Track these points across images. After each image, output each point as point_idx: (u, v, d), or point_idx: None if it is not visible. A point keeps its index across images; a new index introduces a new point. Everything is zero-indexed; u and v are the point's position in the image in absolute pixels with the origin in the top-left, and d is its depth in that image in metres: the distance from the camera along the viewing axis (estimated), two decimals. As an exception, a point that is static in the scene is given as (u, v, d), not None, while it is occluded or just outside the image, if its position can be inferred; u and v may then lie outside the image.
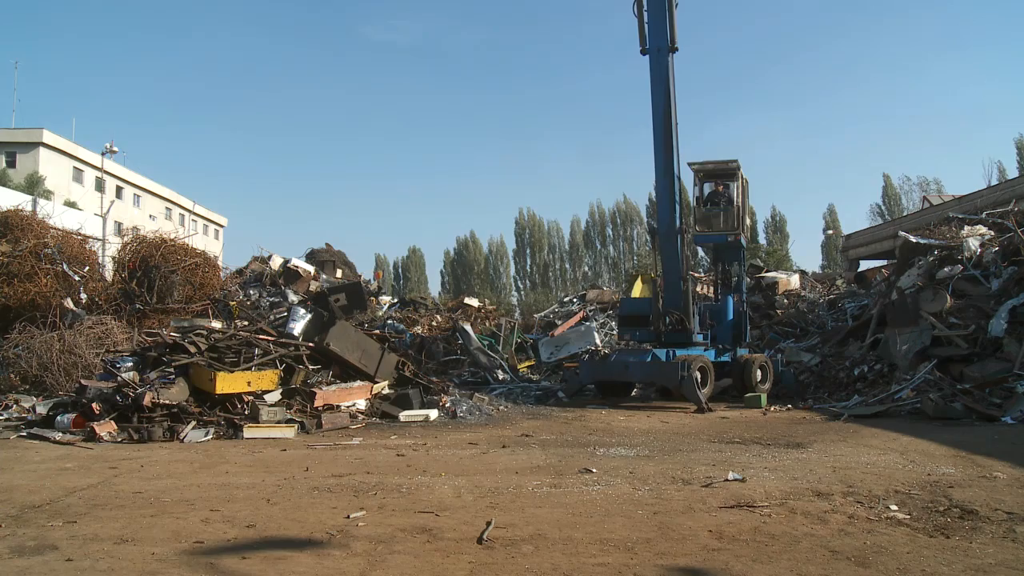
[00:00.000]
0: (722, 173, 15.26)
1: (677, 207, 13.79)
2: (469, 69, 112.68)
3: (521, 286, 67.01)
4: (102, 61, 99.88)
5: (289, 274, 19.74)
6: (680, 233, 13.74)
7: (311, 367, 11.86)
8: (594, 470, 6.80)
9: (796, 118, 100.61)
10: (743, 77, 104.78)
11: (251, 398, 10.46)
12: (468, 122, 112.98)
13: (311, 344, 12.06)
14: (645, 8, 13.46)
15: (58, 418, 9.96)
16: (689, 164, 15.13)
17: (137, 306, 14.46)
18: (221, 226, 65.78)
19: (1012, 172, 47.64)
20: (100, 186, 42.59)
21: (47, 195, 33.35)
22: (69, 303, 14.65)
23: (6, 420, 10.74)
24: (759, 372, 14.19)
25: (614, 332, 19.87)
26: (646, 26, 13.50)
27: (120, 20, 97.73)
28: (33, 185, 35.47)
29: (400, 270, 70.07)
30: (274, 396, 10.70)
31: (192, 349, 10.72)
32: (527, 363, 19.02)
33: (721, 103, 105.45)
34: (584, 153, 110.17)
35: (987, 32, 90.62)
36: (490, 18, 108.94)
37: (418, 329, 19.77)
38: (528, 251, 68.17)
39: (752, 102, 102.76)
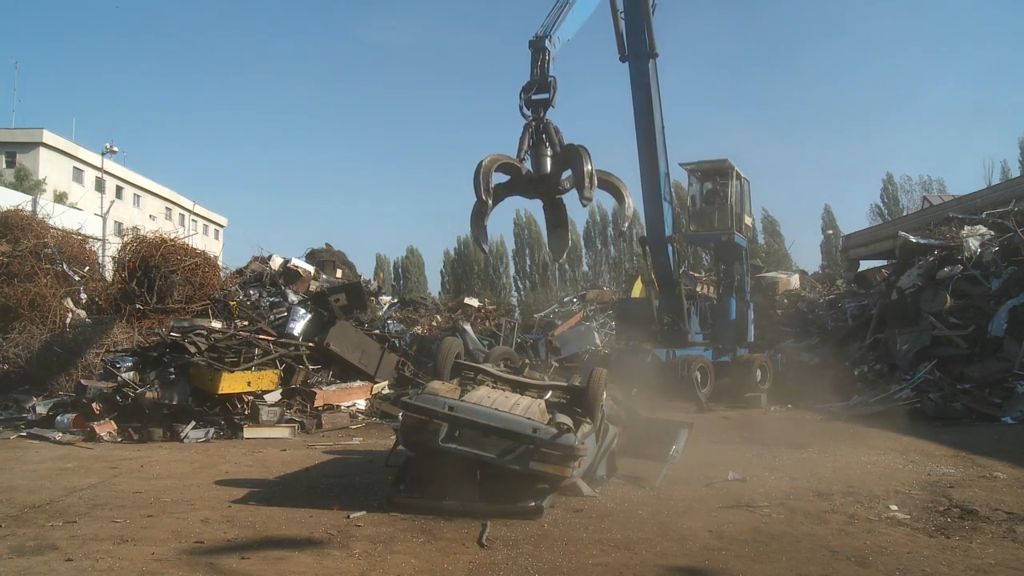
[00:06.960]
0: (717, 171, 15.24)
1: (667, 208, 13.60)
2: (467, 69, 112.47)
3: (521, 286, 66.88)
4: (102, 61, 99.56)
5: (289, 274, 19.65)
6: (670, 242, 13.61)
7: (311, 367, 11.85)
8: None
9: (794, 117, 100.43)
10: (741, 76, 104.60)
11: (251, 398, 10.47)
12: (467, 122, 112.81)
13: (311, 344, 12.05)
14: (621, 13, 12.62)
15: (58, 418, 9.97)
16: (682, 165, 15.09)
17: (137, 306, 14.42)
18: (221, 226, 65.63)
19: (1015, 171, 47.37)
20: (100, 186, 42.47)
21: (39, 187, 33.16)
22: (69, 303, 14.62)
23: (6, 420, 10.74)
24: (759, 372, 14.18)
25: (614, 332, 19.84)
26: (623, 32, 12.69)
27: (120, 20, 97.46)
28: (22, 179, 35.35)
29: (400, 270, 69.85)
30: (274, 396, 10.71)
31: (192, 349, 10.71)
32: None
33: (718, 102, 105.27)
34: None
35: (987, 31, 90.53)
36: (489, 18, 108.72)
37: (418, 329, 19.71)
38: (527, 251, 68.06)
39: (750, 101, 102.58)
